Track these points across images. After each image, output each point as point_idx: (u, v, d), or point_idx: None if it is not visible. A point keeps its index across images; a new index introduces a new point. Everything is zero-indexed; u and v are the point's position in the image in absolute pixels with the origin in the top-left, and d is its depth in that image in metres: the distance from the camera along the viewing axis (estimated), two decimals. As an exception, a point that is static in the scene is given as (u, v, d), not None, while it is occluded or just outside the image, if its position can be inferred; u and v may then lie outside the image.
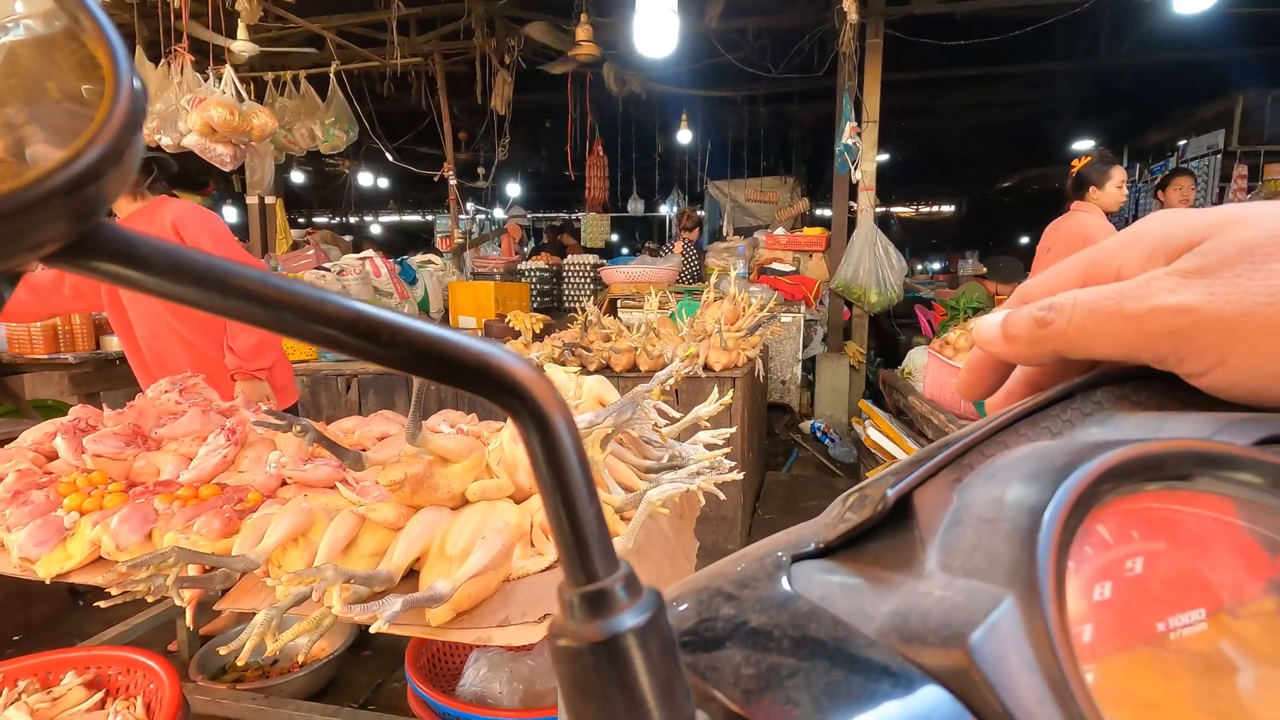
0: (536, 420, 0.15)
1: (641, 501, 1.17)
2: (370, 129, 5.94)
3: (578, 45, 4.82)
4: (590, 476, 0.16)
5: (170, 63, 4.04)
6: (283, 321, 0.13)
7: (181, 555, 0.94)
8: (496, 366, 0.15)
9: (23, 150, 0.13)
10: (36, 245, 0.11)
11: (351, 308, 0.14)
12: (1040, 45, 6.36)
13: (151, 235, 0.13)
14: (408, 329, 0.14)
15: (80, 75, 0.13)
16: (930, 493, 0.22)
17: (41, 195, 0.11)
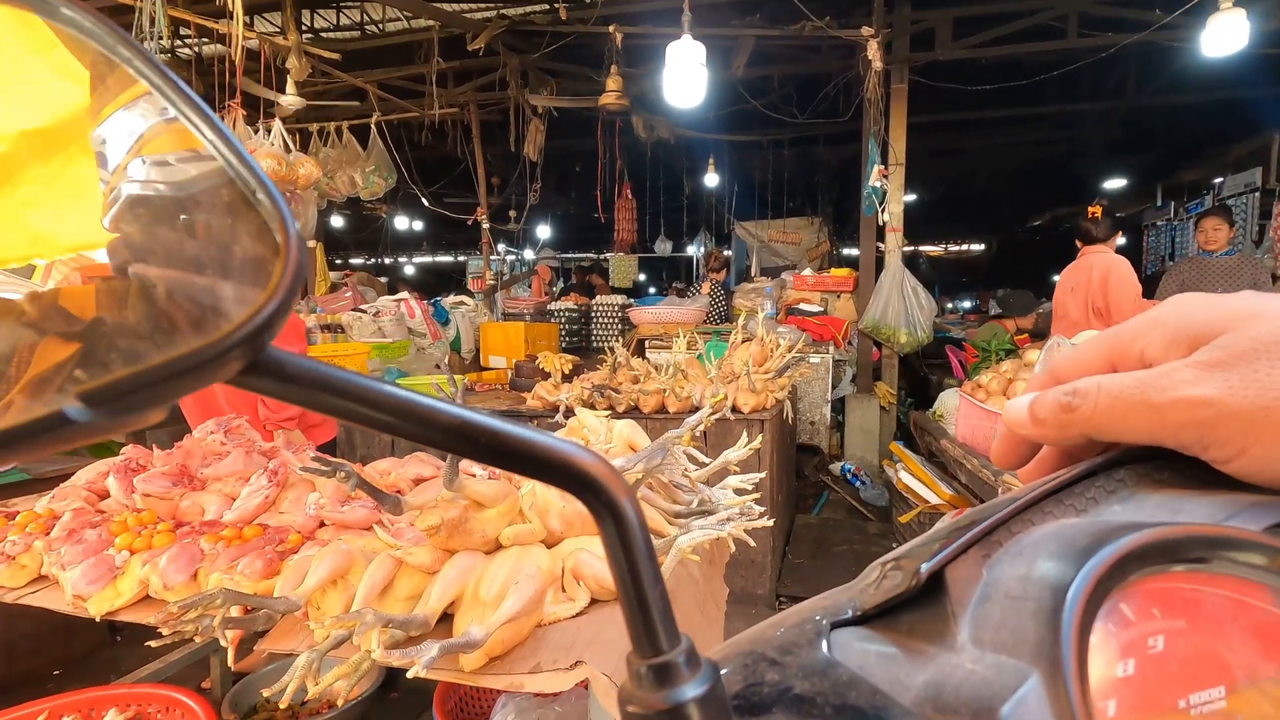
0: (611, 511, 0.18)
1: (672, 548, 1.18)
2: (408, 175, 6.17)
3: (606, 95, 4.97)
4: (655, 559, 0.18)
5: (224, 117, 4.27)
6: (403, 427, 0.16)
7: (228, 597, 0.98)
8: (577, 464, 0.17)
9: (214, 300, 0.16)
10: (219, 377, 0.14)
11: (458, 416, 0.17)
12: (1067, 86, 6.38)
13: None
14: (503, 433, 0.17)
15: (254, 235, 0.16)
16: (961, 568, 0.23)
17: (230, 346, 0.14)
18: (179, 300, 0.16)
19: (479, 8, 5.59)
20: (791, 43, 5.42)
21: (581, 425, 1.65)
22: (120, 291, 0.18)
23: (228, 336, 0.14)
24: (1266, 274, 4.44)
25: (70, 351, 0.16)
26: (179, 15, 4.02)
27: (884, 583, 0.24)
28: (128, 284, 0.18)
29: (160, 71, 0.16)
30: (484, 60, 5.77)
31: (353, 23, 6.00)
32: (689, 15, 3.87)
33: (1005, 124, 8.31)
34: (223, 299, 0.15)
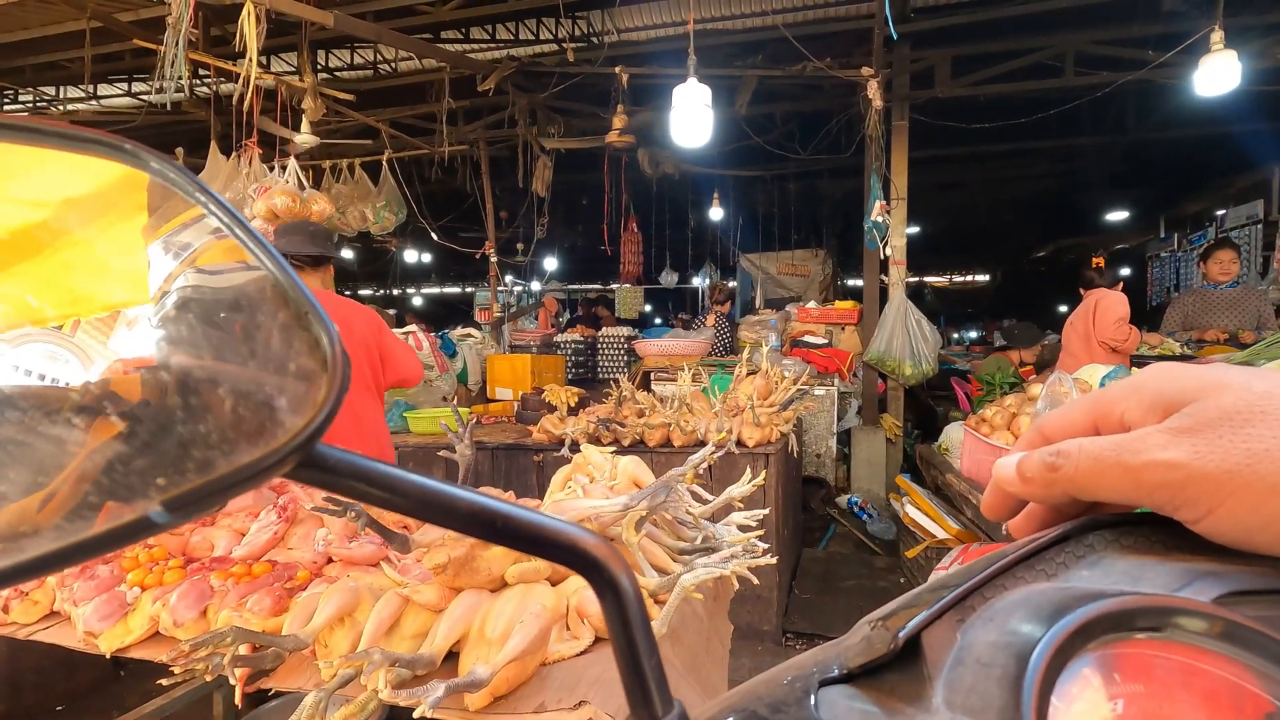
0: (611, 588, 0.20)
1: (676, 586, 1.19)
2: (417, 210, 6.28)
3: (613, 133, 5.08)
4: (651, 631, 0.21)
5: (240, 155, 4.39)
6: (427, 514, 0.19)
7: (239, 635, 0.99)
8: (581, 546, 0.20)
9: (271, 409, 0.19)
10: (274, 477, 0.17)
11: (475, 503, 0.19)
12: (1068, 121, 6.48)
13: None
14: (515, 518, 0.20)
15: (308, 355, 0.19)
16: (937, 632, 0.25)
17: (289, 452, 0.17)
18: (238, 406, 0.18)
19: (488, 48, 5.75)
20: (794, 82, 5.54)
21: (587, 461, 1.67)
22: (163, 384, 0.20)
23: (287, 445, 0.16)
24: (1270, 305, 4.45)
25: (120, 431, 0.19)
26: (198, 58, 4.16)
27: (869, 642, 0.25)
28: (170, 378, 0.20)
29: (234, 217, 0.19)
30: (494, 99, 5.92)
31: (366, 62, 6.18)
32: (694, 59, 3.98)
33: (1007, 158, 8.42)
34: (279, 408, 0.18)
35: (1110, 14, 4.95)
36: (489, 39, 5.75)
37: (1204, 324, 4.40)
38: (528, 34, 5.71)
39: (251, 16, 3.24)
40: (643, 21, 5.39)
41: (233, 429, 0.17)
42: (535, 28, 5.68)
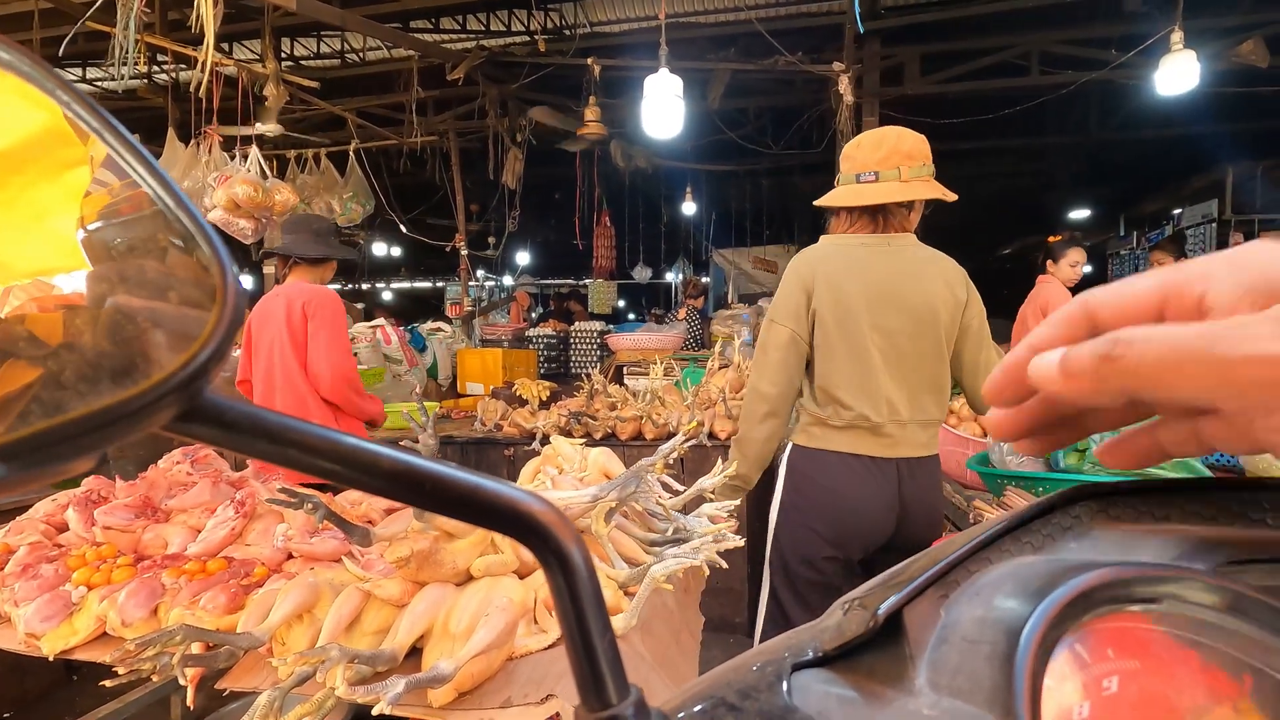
0: (558, 558, 0.18)
1: (645, 577, 1.17)
2: (386, 202, 6.16)
3: (586, 125, 5.04)
4: (604, 609, 0.18)
5: (199, 143, 4.25)
6: (344, 473, 0.16)
7: (188, 634, 0.95)
8: (524, 510, 0.18)
9: (145, 346, 0.16)
10: (150, 425, 0.14)
11: (402, 461, 0.17)
12: (1033, 121, 6.61)
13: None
14: (447, 478, 0.17)
15: (193, 280, 0.16)
16: (919, 609, 0.23)
17: (162, 394, 0.14)
18: (103, 339, 0.16)
19: (459, 38, 5.66)
20: (766, 76, 5.55)
21: (557, 453, 1.64)
22: (87, 319, 0.18)
23: (159, 385, 0.14)
24: None
25: (35, 376, 0.16)
26: (155, 42, 4.02)
27: (845, 623, 0.24)
28: (95, 312, 0.18)
29: (96, 112, 0.17)
30: (463, 89, 5.84)
31: (333, 51, 6.04)
32: (665, 50, 3.96)
33: (974, 156, 8.56)
34: (155, 345, 0.15)
35: (1074, 14, 5.04)
36: (459, 29, 5.66)
37: None
38: (499, 25, 5.63)
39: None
40: (615, 15, 5.36)
41: (92, 366, 0.14)
42: (507, 19, 5.60)
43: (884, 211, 1.80)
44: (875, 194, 1.77)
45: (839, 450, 1.78)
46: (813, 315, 1.79)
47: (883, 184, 1.77)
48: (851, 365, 1.76)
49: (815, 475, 1.82)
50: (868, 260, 1.78)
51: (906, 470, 1.77)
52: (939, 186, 1.82)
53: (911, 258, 1.81)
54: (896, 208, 1.81)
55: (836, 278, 1.77)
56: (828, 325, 1.77)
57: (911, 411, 1.76)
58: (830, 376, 1.78)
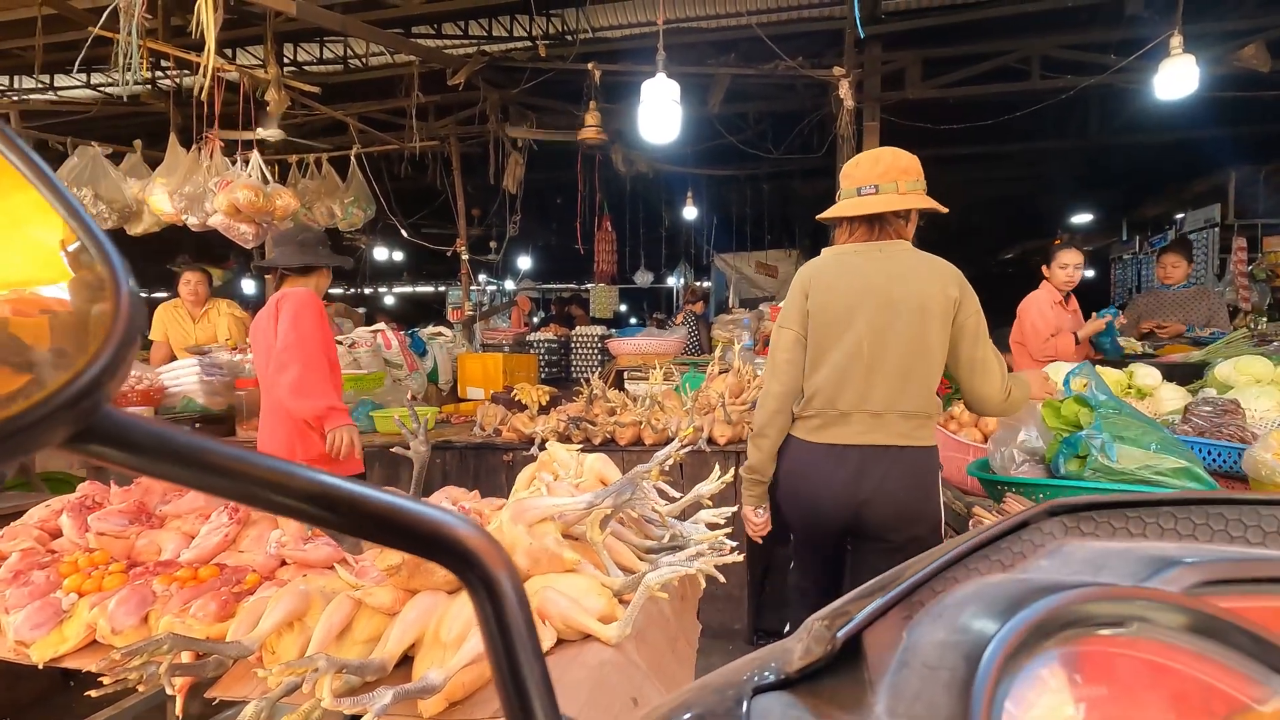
0: (485, 585, 0.17)
1: (640, 585, 1.16)
2: (387, 206, 6.17)
3: (585, 129, 5.04)
4: (535, 635, 0.17)
5: (201, 148, 4.26)
6: (257, 495, 0.15)
7: (176, 642, 0.94)
8: (448, 534, 0.17)
9: (27, 361, 0.15)
10: (45, 443, 0.13)
11: (315, 481, 0.16)
12: (1034, 125, 6.60)
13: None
14: (365, 500, 0.16)
15: (86, 293, 0.15)
16: (881, 631, 0.22)
17: (46, 413, 0.13)
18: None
19: (460, 44, 5.67)
20: (766, 81, 5.56)
21: (553, 459, 1.63)
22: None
23: (43, 403, 0.13)
24: (1222, 305, 4.60)
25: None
26: (158, 48, 4.03)
27: (809, 644, 0.23)
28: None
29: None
30: (464, 94, 5.84)
31: (335, 56, 6.05)
32: (663, 54, 3.96)
33: (975, 161, 8.55)
34: (38, 361, 0.14)
35: (1074, 19, 5.04)
36: (461, 35, 5.67)
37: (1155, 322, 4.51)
38: (500, 30, 5.64)
39: (209, 3, 3.14)
40: (616, 20, 5.36)
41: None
42: (509, 24, 5.61)
43: (881, 221, 1.94)
44: (876, 204, 1.90)
45: (801, 437, 1.94)
46: (808, 316, 1.93)
47: (882, 195, 1.92)
48: (836, 360, 1.88)
49: (783, 460, 1.99)
50: (861, 265, 1.90)
51: (875, 459, 1.85)
52: (931, 200, 1.98)
53: (903, 261, 1.91)
54: (893, 217, 1.94)
55: (831, 281, 1.92)
56: (819, 324, 1.91)
57: (890, 402, 1.84)
58: (815, 371, 1.91)
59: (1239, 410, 2.19)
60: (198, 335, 4.63)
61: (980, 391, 1.89)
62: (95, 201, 4.67)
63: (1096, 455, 1.77)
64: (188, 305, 4.71)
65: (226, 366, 3.94)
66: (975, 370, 1.88)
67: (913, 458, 1.87)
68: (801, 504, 1.95)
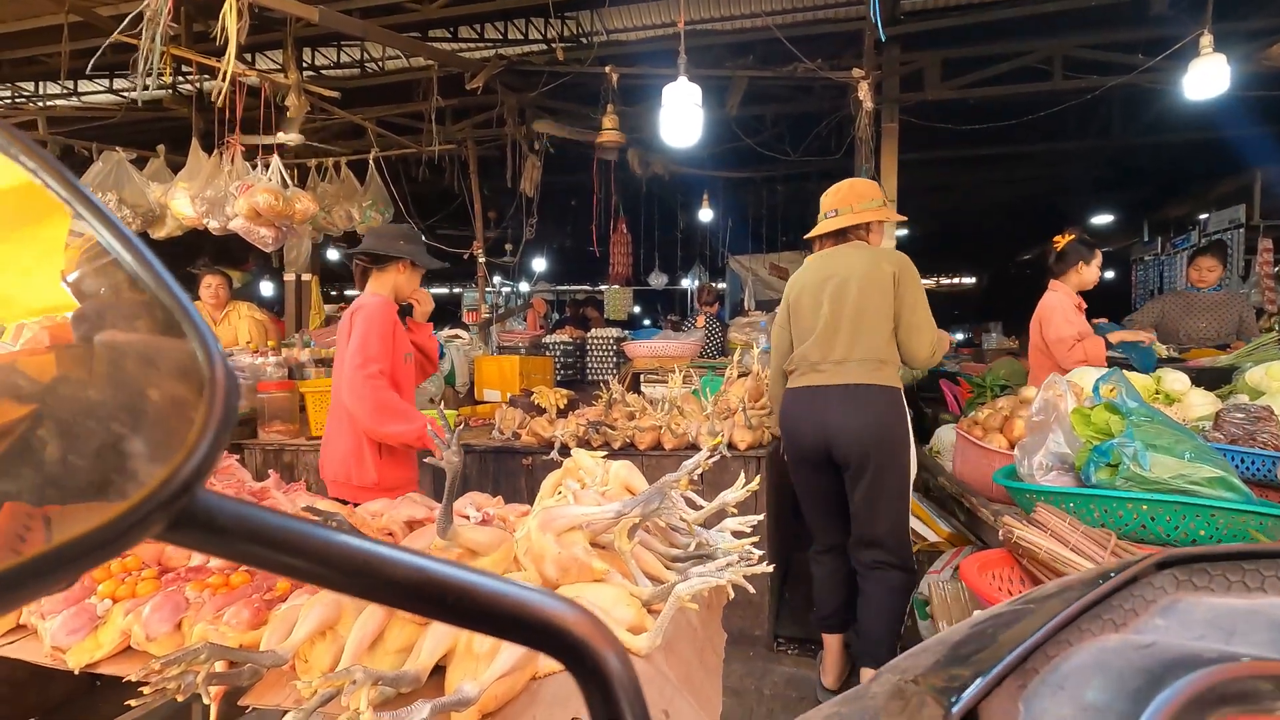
0: (596, 676, 0.16)
1: (670, 596, 1.15)
2: (404, 209, 6.21)
3: (604, 133, 5.04)
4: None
5: (222, 153, 4.31)
6: (354, 585, 0.14)
7: (213, 652, 0.95)
8: (557, 623, 0.15)
9: (122, 457, 0.14)
10: (134, 544, 0.13)
11: (420, 569, 0.15)
12: (1055, 125, 6.52)
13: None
14: (471, 589, 0.15)
15: (179, 379, 0.14)
16: (995, 703, 0.20)
17: (146, 513, 0.12)
18: (66, 454, 0.14)
19: (477, 47, 5.69)
20: (784, 83, 5.53)
21: (578, 466, 1.63)
22: (83, 359, 0.16)
23: (142, 504, 0.12)
24: (1251, 310, 4.50)
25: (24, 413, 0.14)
26: (180, 53, 4.08)
27: (910, 711, 0.21)
28: (90, 352, 0.15)
29: (65, 180, 0.15)
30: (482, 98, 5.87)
31: (353, 60, 6.10)
32: (684, 58, 3.95)
33: (995, 162, 8.46)
34: (132, 453, 0.13)
35: (1099, 18, 4.97)
36: (477, 38, 5.70)
37: (1184, 325, 4.42)
38: (516, 34, 5.66)
39: (233, 10, 3.17)
40: (632, 22, 5.36)
41: (54, 488, 0.12)
42: (524, 27, 5.63)
43: (843, 234, 2.66)
44: (836, 223, 2.64)
45: (791, 386, 2.66)
46: (790, 309, 2.70)
47: (840, 216, 2.63)
48: (810, 331, 2.58)
49: (782, 404, 2.73)
50: (826, 264, 2.62)
51: (840, 396, 2.50)
52: (885, 211, 2.66)
53: (857, 255, 2.58)
54: (853, 231, 2.65)
55: (806, 280, 2.66)
56: (798, 312, 2.66)
57: (847, 352, 2.50)
58: (798, 344, 2.64)
59: (1273, 417, 2.14)
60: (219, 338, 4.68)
61: (911, 348, 2.53)
62: (120, 206, 4.73)
63: (1129, 464, 1.74)
64: (208, 308, 4.76)
65: (248, 369, 3.98)
66: (910, 331, 2.52)
67: (870, 393, 2.48)
68: (790, 432, 2.64)
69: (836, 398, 2.48)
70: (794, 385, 2.62)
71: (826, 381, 2.51)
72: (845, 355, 2.48)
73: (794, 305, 2.66)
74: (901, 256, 2.56)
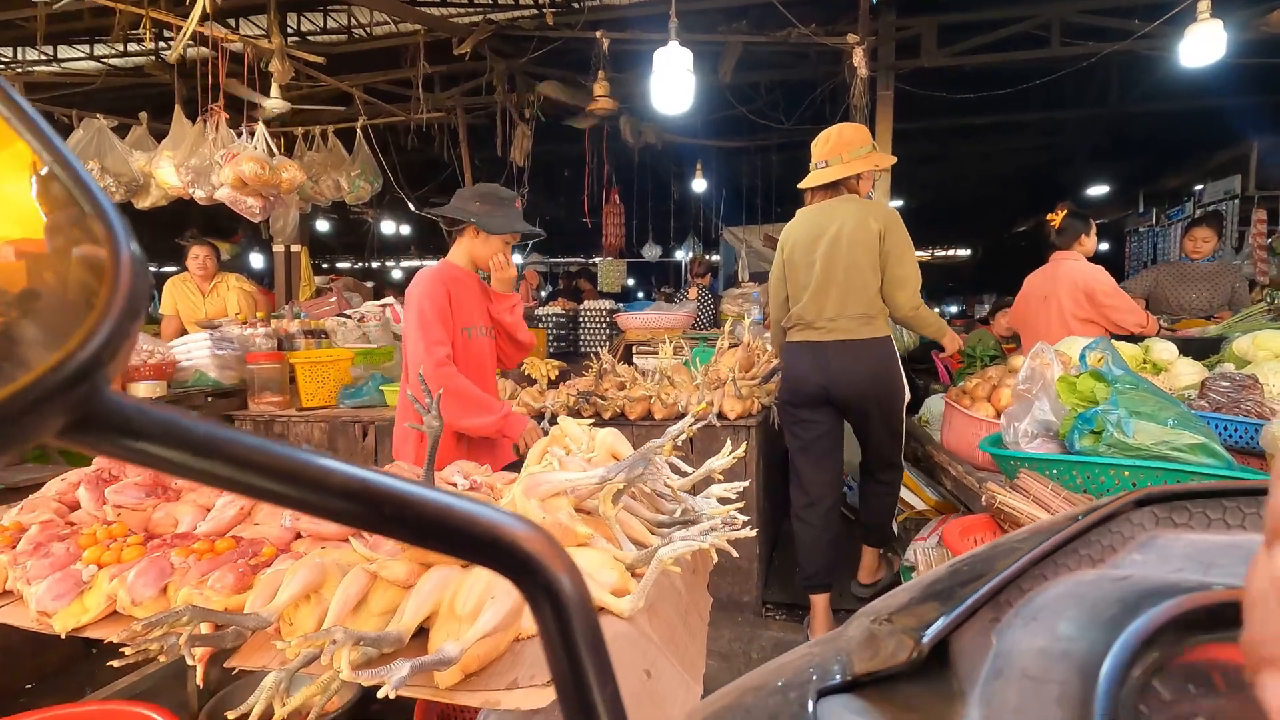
0: (549, 594, 0.15)
1: (653, 560, 1.16)
2: (393, 179, 6.13)
3: (595, 100, 4.96)
4: (604, 650, 0.15)
5: (206, 120, 4.23)
6: (284, 493, 0.14)
7: (195, 614, 0.95)
8: (506, 538, 0.14)
9: (15, 347, 0.12)
10: (34, 437, 0.11)
11: (356, 478, 0.14)
12: (1052, 94, 6.45)
13: None
14: (414, 500, 0.14)
15: (80, 264, 0.13)
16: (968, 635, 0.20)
17: (36, 398, 0.11)
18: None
19: (465, 12, 5.57)
20: (778, 49, 5.44)
21: (564, 433, 1.63)
22: None
23: (30, 388, 0.11)
24: (1244, 281, 4.51)
25: None
26: (161, 17, 3.98)
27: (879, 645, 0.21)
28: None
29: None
30: (471, 65, 5.76)
31: (340, 26, 5.96)
32: (675, 22, 3.87)
33: (990, 131, 8.39)
34: (21, 338, 0.12)
35: (1097, -18, 4.89)
36: (466, 3, 5.57)
37: (1176, 295, 4.43)
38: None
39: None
40: (624, -15, 5.24)
41: None
42: (513, -10, 5.50)
43: (834, 185, 2.72)
44: (827, 175, 2.70)
45: (791, 340, 2.86)
46: (784, 264, 2.83)
47: (831, 168, 2.69)
48: (804, 288, 2.73)
49: (782, 356, 2.94)
50: (818, 218, 2.71)
51: (836, 350, 2.69)
52: (876, 157, 2.70)
53: (846, 210, 2.66)
54: (844, 181, 2.70)
55: (796, 233, 2.78)
56: (793, 267, 2.79)
57: (840, 310, 2.67)
58: (795, 301, 2.80)
59: (1257, 385, 2.16)
60: (207, 309, 4.64)
61: (896, 299, 2.66)
62: (102, 175, 4.65)
63: (1112, 430, 1.75)
64: (196, 279, 4.71)
65: (237, 340, 3.95)
66: (895, 284, 2.65)
67: (863, 346, 2.67)
68: (791, 378, 2.84)
69: (834, 351, 2.69)
70: (792, 339, 2.83)
71: (822, 338, 2.71)
72: (837, 313, 2.67)
73: (788, 260, 2.81)
74: (889, 212, 2.68)
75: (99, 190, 0.13)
